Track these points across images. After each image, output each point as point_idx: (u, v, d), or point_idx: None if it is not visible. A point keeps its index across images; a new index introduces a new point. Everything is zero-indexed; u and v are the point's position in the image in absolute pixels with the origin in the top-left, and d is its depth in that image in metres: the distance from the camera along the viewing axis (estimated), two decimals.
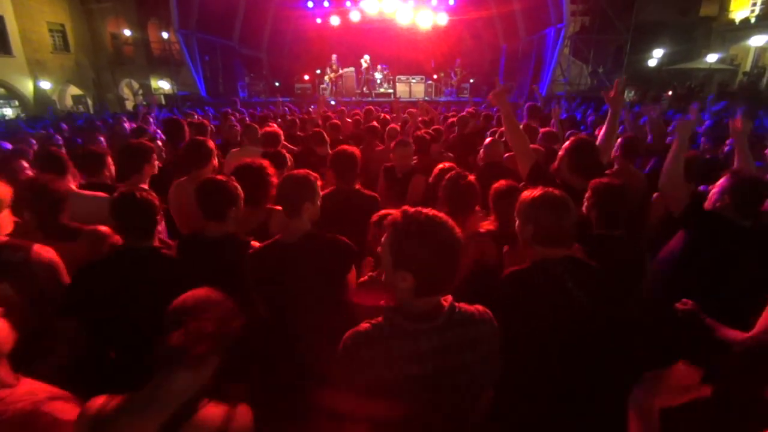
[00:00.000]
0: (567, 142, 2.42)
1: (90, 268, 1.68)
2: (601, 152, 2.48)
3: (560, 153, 2.45)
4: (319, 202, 1.88)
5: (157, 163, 2.77)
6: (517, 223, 1.61)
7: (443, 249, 1.07)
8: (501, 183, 2.21)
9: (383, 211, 1.84)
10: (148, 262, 1.70)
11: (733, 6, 20.72)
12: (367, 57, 15.40)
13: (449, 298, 1.18)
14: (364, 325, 1.16)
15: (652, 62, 20.55)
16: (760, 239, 1.89)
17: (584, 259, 1.55)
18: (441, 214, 1.11)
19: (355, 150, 2.69)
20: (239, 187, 1.98)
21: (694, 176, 2.68)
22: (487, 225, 2.20)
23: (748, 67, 20.47)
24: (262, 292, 1.82)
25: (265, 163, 2.35)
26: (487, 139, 3.60)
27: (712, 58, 18.00)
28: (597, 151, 2.42)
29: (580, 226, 1.63)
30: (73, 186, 2.49)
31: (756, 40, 18.39)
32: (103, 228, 1.98)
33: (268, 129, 3.84)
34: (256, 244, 1.89)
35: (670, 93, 15.32)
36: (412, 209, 1.11)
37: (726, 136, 3.76)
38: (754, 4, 20.12)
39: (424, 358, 1.10)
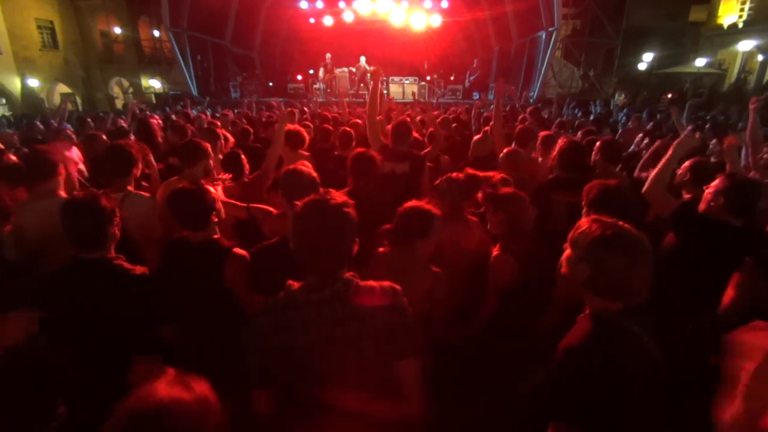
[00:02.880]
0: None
1: (39, 282, 1.59)
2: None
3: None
4: None
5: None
6: (567, 252, 1.33)
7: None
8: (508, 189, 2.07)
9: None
10: (99, 274, 1.59)
11: (721, 11, 21.06)
12: (363, 58, 15.39)
13: (350, 274, 1.24)
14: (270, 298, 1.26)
15: (642, 66, 20.80)
16: (750, 237, 1.96)
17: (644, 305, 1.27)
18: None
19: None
20: (211, 191, 1.90)
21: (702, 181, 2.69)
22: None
23: (735, 71, 20.84)
24: (264, 289, 1.77)
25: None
26: (476, 136, 3.62)
27: (700, 62, 18.27)
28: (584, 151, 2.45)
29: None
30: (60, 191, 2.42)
31: (743, 45, 18.70)
32: None
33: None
34: (239, 250, 1.83)
35: (669, 96, 15.47)
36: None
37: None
38: (742, 10, 20.49)
39: (306, 328, 1.18)
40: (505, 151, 3.13)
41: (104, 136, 4.07)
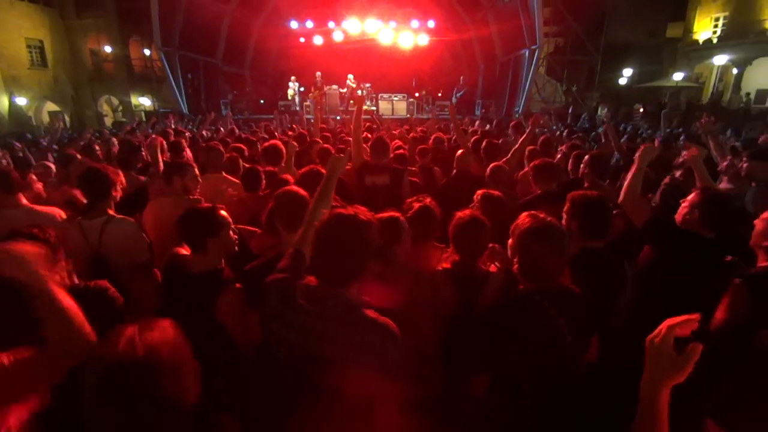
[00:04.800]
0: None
1: None
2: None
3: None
4: None
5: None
6: (510, 241, 1.58)
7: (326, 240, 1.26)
8: (464, 213, 2.03)
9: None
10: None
11: (696, 28, 22.02)
12: (351, 76, 15.70)
13: (359, 299, 1.29)
14: (297, 282, 1.33)
15: (622, 81, 21.51)
16: (721, 248, 2.06)
17: (569, 287, 1.52)
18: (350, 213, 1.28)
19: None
20: (226, 216, 1.88)
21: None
22: (445, 263, 2.03)
23: (712, 84, 21.69)
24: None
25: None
26: (459, 151, 3.80)
27: (678, 76, 18.98)
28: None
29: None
30: (24, 201, 2.52)
31: (719, 59, 19.51)
32: None
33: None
34: (239, 285, 1.83)
35: (641, 110, 16.01)
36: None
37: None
38: (716, 26, 21.43)
39: (296, 331, 1.27)
40: (490, 167, 3.30)
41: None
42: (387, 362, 1.21)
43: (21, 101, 18.87)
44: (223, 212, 1.88)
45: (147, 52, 20.65)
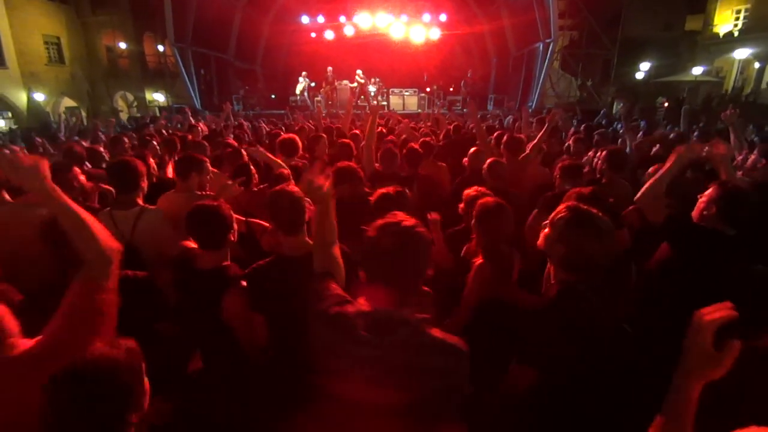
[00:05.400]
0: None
1: None
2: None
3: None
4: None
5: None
6: (546, 231, 1.54)
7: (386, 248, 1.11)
8: (488, 200, 2.05)
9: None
10: None
11: (716, 20, 21.32)
12: (360, 72, 15.64)
13: (421, 317, 1.14)
14: (349, 308, 1.16)
15: (639, 75, 21.01)
16: (743, 246, 1.97)
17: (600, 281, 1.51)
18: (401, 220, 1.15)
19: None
20: (231, 211, 1.88)
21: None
22: (476, 257, 2.02)
23: (732, 79, 21.05)
24: (264, 309, 1.80)
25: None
26: (472, 149, 3.74)
27: (697, 70, 18.45)
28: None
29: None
30: (6, 196, 2.44)
31: (740, 53, 18.90)
32: None
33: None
34: (244, 282, 1.81)
35: (666, 104, 15.47)
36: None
37: None
38: (737, 19, 20.75)
39: (361, 364, 1.09)
40: (487, 162, 3.22)
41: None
42: (453, 383, 1.11)
43: (39, 97, 19.24)
44: (228, 208, 1.89)
45: (161, 48, 20.84)
